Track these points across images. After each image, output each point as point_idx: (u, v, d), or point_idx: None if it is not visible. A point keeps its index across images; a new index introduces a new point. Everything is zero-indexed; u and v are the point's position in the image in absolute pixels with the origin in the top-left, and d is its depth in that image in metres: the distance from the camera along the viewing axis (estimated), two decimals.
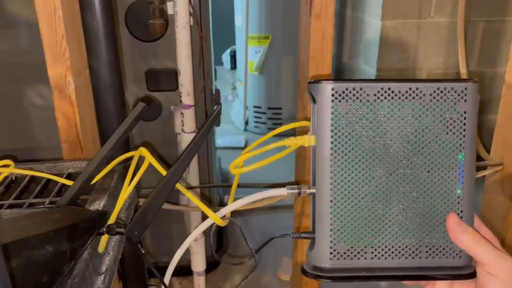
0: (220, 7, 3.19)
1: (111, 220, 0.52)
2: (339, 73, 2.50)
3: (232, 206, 0.45)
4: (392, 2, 1.91)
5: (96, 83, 0.77)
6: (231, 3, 2.62)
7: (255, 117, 2.63)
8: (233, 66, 2.73)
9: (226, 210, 0.46)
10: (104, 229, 0.51)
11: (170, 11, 1.06)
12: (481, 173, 1.10)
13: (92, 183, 0.60)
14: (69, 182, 0.61)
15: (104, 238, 0.53)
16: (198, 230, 0.52)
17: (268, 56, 2.45)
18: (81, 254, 0.48)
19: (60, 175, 0.71)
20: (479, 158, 1.16)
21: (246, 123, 2.67)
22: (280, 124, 2.58)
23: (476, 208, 0.41)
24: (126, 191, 0.53)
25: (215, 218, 0.47)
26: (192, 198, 0.54)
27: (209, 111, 1.28)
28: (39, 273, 0.42)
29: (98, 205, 0.61)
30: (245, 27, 2.43)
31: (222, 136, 2.54)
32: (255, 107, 2.61)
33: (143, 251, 0.72)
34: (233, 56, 2.71)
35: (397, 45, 1.99)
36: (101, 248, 0.54)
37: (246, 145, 2.51)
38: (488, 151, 1.15)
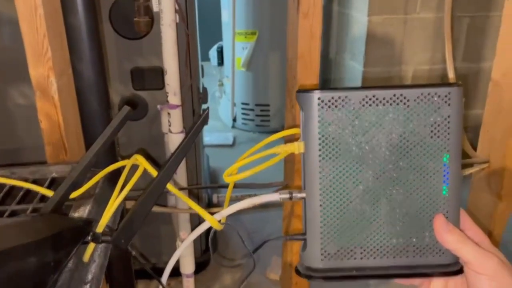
0: (207, 2, 3.16)
1: (99, 229, 0.51)
2: (326, 69, 2.50)
3: (228, 210, 0.47)
4: None
5: (80, 84, 0.75)
6: None
7: (243, 114, 2.61)
8: (220, 62, 2.70)
9: (222, 215, 0.48)
10: (90, 237, 0.49)
11: (155, 8, 1.04)
12: (468, 171, 1.11)
13: (80, 193, 0.58)
14: (49, 192, 0.59)
15: (90, 246, 0.52)
16: (195, 233, 0.52)
17: (255, 52, 2.43)
18: (66, 264, 0.47)
19: (44, 180, 0.69)
20: (465, 155, 1.17)
21: (234, 120, 2.66)
22: (268, 121, 2.57)
23: (463, 205, 0.42)
24: (115, 202, 0.52)
25: (213, 221, 0.48)
26: (188, 202, 0.53)
27: (196, 110, 1.26)
28: (21, 286, 0.41)
29: (82, 211, 0.59)
30: (232, 22, 2.41)
31: (210, 134, 2.53)
32: (242, 103, 2.59)
33: (133, 253, 0.71)
34: (220, 52, 2.68)
35: (384, 40, 1.99)
36: (86, 257, 0.52)
37: (234, 143, 2.50)
38: (474, 147, 1.15)
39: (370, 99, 0.38)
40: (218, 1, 2.62)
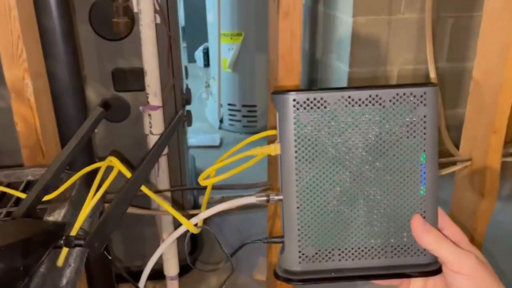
0: (193, 4, 3.15)
1: (73, 232, 0.50)
2: (313, 70, 2.50)
3: (205, 214, 0.46)
4: None
5: (55, 87, 0.74)
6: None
7: (230, 114, 2.61)
8: (206, 63, 2.70)
9: (198, 219, 0.47)
10: (62, 241, 0.48)
11: (135, 9, 1.03)
12: (451, 169, 1.12)
13: (55, 195, 0.57)
14: (24, 195, 0.58)
15: (64, 251, 0.51)
16: (171, 238, 0.51)
17: (241, 53, 2.43)
18: (36, 269, 0.46)
19: (19, 183, 0.68)
20: (448, 154, 1.17)
21: (221, 121, 2.65)
22: (255, 122, 2.57)
23: (446, 203, 0.42)
24: (89, 205, 0.51)
25: (189, 225, 0.47)
26: (164, 205, 0.53)
27: (179, 111, 1.25)
28: None
29: (58, 214, 0.58)
30: (217, 24, 2.40)
31: (197, 135, 2.52)
32: (229, 104, 2.59)
33: (110, 257, 0.69)
34: (206, 54, 2.67)
35: (369, 41, 2.00)
36: (60, 261, 0.51)
37: (221, 144, 2.49)
38: (457, 146, 1.16)
39: (345, 100, 0.38)
40: (203, 2, 2.61)
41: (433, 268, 0.40)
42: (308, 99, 0.38)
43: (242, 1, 2.36)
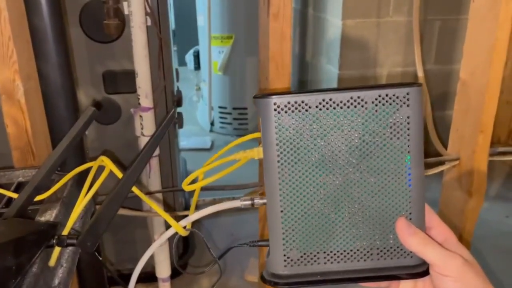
0: (184, 7, 3.15)
1: (65, 231, 0.50)
2: (303, 72, 2.52)
3: (193, 217, 0.47)
4: (352, 2, 1.94)
5: (46, 88, 0.74)
6: (195, 2, 2.60)
7: (221, 117, 2.61)
8: (197, 66, 2.70)
9: (187, 221, 0.48)
10: (54, 241, 0.48)
11: (126, 11, 1.03)
12: (439, 168, 1.13)
13: (47, 196, 0.57)
14: (14, 195, 0.58)
15: (56, 250, 0.51)
16: (160, 240, 0.52)
17: (231, 56, 2.43)
18: (29, 268, 0.46)
19: (10, 185, 0.68)
20: (436, 153, 1.19)
21: (212, 123, 2.65)
22: (246, 125, 2.57)
23: (435, 203, 0.42)
24: (81, 203, 0.51)
25: (178, 227, 0.47)
26: (154, 207, 0.53)
27: (171, 110, 1.25)
28: None
29: (49, 215, 0.58)
30: (208, 27, 2.41)
31: (187, 138, 2.51)
32: (220, 107, 2.59)
33: (101, 258, 0.69)
34: (197, 57, 2.68)
35: (358, 44, 2.02)
36: (52, 261, 0.51)
37: (212, 146, 2.49)
38: (446, 147, 1.18)
39: (327, 103, 0.37)
40: (194, 6, 2.61)
41: (421, 270, 0.40)
42: (289, 103, 0.37)
43: (232, 4, 2.37)
